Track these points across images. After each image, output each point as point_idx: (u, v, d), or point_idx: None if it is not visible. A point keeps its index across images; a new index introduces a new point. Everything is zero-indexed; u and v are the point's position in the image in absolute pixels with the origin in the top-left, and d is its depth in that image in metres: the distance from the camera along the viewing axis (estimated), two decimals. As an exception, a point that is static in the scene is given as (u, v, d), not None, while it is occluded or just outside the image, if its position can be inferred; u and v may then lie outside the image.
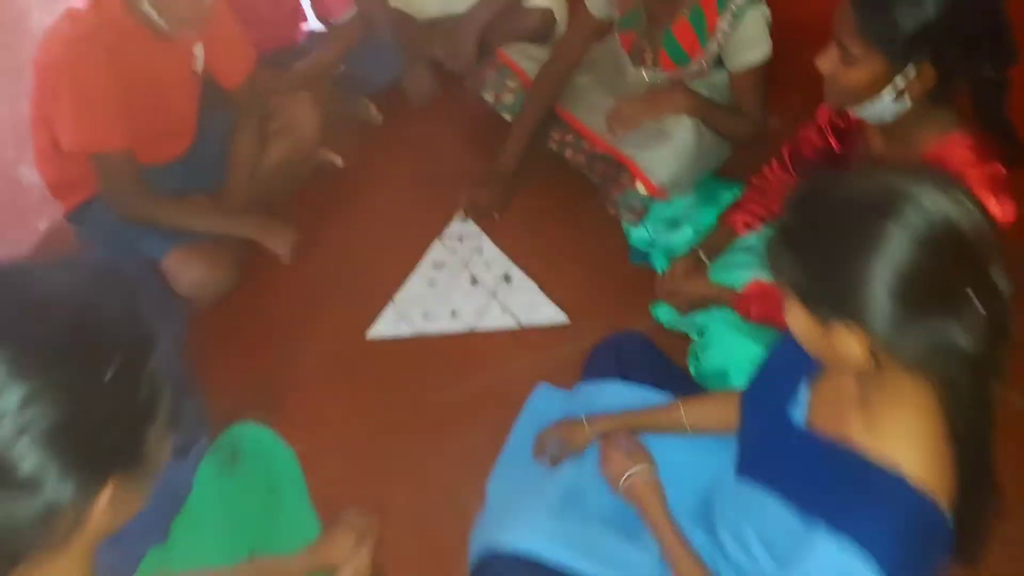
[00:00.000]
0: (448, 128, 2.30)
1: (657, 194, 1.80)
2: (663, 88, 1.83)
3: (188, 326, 1.67)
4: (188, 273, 1.65)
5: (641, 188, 1.79)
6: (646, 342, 1.46)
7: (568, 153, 2.03)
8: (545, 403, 1.42)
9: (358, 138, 2.24)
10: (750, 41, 1.70)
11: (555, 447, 1.28)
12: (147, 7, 1.56)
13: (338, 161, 2.12)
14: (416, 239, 1.97)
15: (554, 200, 2.06)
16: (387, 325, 1.79)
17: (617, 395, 1.31)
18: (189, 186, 1.85)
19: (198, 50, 1.72)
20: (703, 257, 1.65)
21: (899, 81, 1.19)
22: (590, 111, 1.97)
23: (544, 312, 1.82)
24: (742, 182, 1.72)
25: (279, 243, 1.76)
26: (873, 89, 1.22)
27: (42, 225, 1.91)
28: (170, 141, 1.78)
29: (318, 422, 1.61)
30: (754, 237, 1.66)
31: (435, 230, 1.99)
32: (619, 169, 1.85)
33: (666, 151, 1.76)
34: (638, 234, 1.89)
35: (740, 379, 1.43)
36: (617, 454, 1.18)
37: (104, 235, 1.70)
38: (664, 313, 1.73)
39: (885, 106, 1.22)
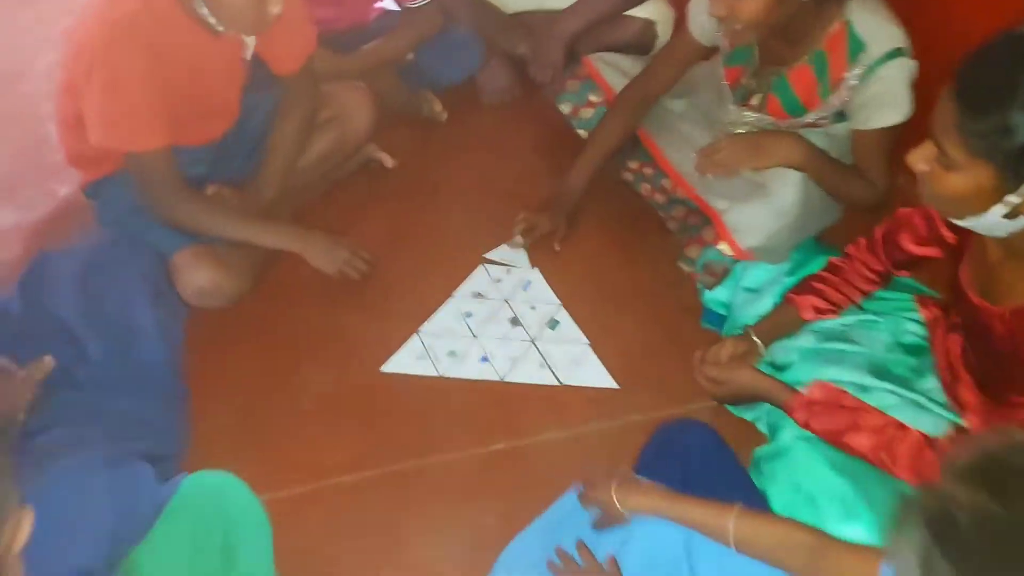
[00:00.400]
0: (517, 136, 2.06)
1: (744, 259, 1.52)
2: (771, 132, 1.54)
3: (186, 330, 1.50)
4: (197, 277, 1.47)
5: (726, 249, 1.51)
6: (713, 438, 1.23)
7: (644, 188, 1.77)
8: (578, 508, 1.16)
9: (415, 137, 2.02)
10: (886, 100, 1.40)
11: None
12: (202, 9, 1.37)
13: (387, 161, 1.91)
14: (458, 260, 1.74)
15: (620, 238, 1.79)
16: (407, 360, 1.57)
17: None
18: (218, 171, 1.67)
19: (250, 39, 1.52)
20: (756, 340, 1.38)
21: (1012, 198, 0.92)
22: (678, 144, 1.70)
23: (590, 372, 1.57)
24: (841, 249, 1.43)
25: (326, 262, 1.56)
26: (978, 203, 0.95)
27: (62, 191, 1.76)
28: (207, 124, 1.60)
29: (310, 465, 1.40)
30: (826, 325, 1.38)
31: (481, 252, 1.76)
32: (703, 221, 1.58)
33: (764, 210, 1.48)
34: (715, 294, 1.62)
35: (810, 515, 1.16)
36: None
37: (115, 217, 1.53)
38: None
39: (995, 223, 0.96)
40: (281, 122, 1.66)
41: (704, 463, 1.21)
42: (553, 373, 1.56)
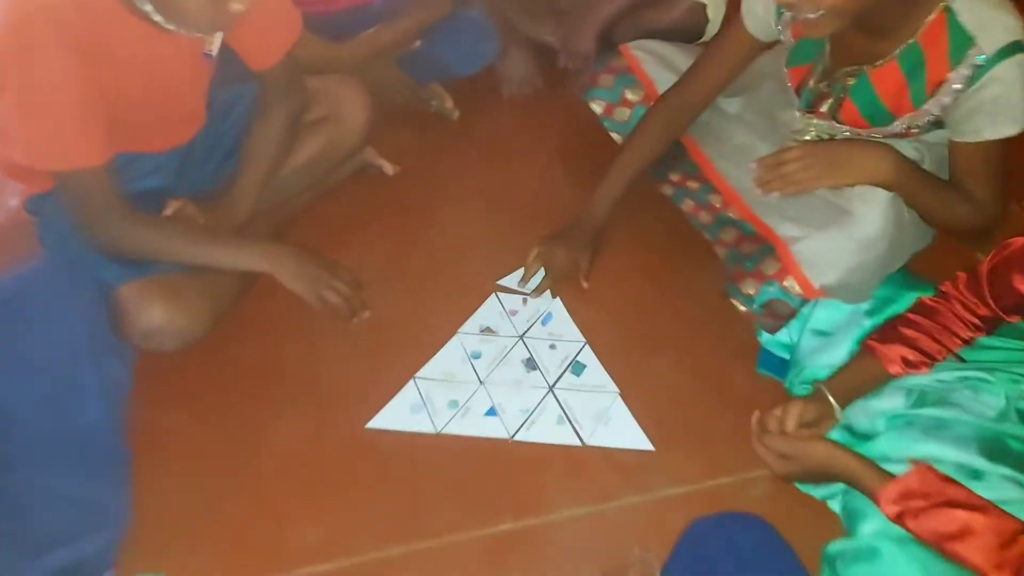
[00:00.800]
0: (540, 139, 1.78)
1: (815, 297, 1.23)
2: (854, 141, 1.24)
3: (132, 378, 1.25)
4: (147, 314, 1.21)
5: (794, 286, 1.22)
6: (767, 534, 0.97)
7: (687, 205, 1.47)
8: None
9: (420, 139, 1.76)
10: (1000, 107, 1.10)
11: None
12: (145, 5, 1.12)
13: (387, 168, 1.65)
14: (466, 287, 1.47)
15: (657, 264, 1.51)
16: (399, 413, 1.30)
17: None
18: (184, 181, 1.42)
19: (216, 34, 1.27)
20: (831, 400, 1.11)
21: None
22: (731, 153, 1.41)
23: (620, 430, 1.29)
24: (935, 285, 1.15)
25: (305, 285, 1.31)
26: None
27: (13, 202, 1.53)
28: (165, 130, 1.35)
29: (274, 551, 1.14)
30: (918, 382, 1.11)
31: (495, 277, 1.49)
32: (761, 250, 1.29)
33: (843, 240, 1.18)
34: (775, 336, 1.33)
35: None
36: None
37: (55, 239, 1.29)
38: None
39: None
40: (259, 124, 1.41)
41: (756, 566, 0.94)
42: (575, 430, 1.29)
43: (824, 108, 1.26)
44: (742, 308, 1.29)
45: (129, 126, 1.21)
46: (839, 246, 1.18)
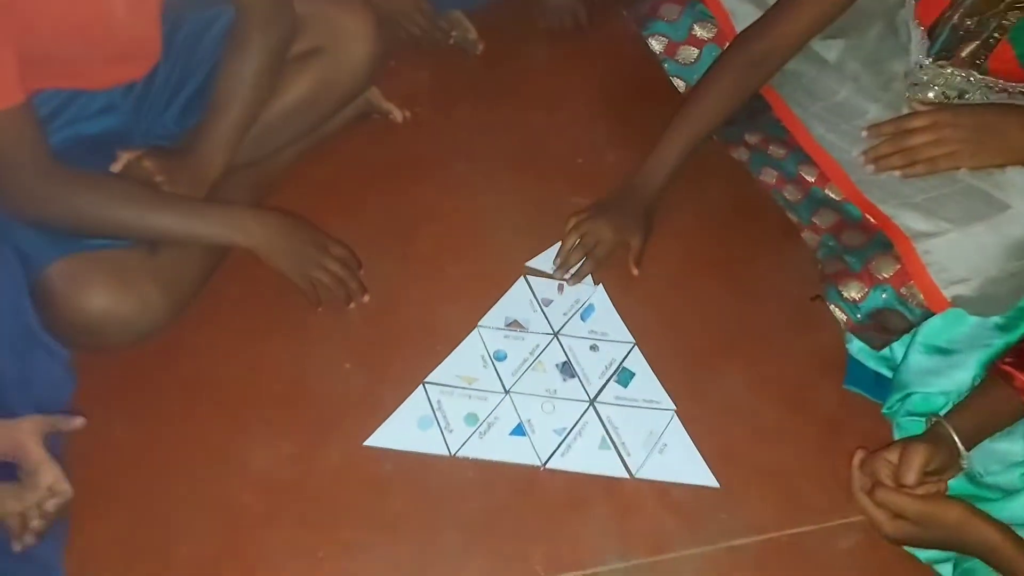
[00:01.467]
0: (582, 81, 1.48)
1: (942, 309, 0.96)
2: (1007, 107, 0.95)
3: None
4: (80, 302, 0.95)
5: (915, 294, 0.95)
6: None
7: (769, 176, 1.19)
8: None
9: (436, 79, 1.46)
10: None
11: None
12: None
13: (396, 115, 1.36)
14: (488, 269, 1.21)
15: (724, 248, 1.23)
16: (402, 429, 1.05)
17: None
18: (141, 125, 1.14)
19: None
20: (957, 442, 0.86)
21: None
22: (829, 115, 1.12)
23: (678, 460, 1.03)
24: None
25: (291, 263, 1.07)
26: None
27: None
28: (106, 65, 1.05)
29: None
30: None
31: (524, 257, 1.22)
32: (872, 243, 1.01)
33: (992, 240, 0.91)
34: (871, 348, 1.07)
35: None
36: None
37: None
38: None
39: None
40: (234, 57, 1.11)
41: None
42: (621, 459, 1.04)
43: (965, 54, 0.97)
44: (841, 316, 1.02)
45: (55, 58, 0.92)
46: (984, 249, 0.91)
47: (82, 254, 0.96)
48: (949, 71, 1.00)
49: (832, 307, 1.02)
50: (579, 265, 1.17)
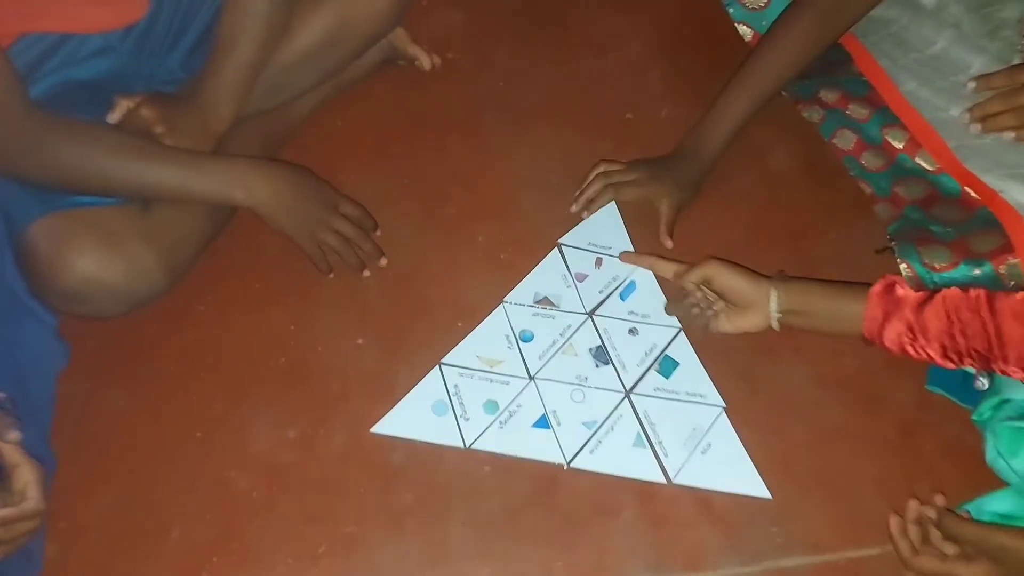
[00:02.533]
0: (635, 24, 1.32)
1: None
2: None
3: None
4: (67, 264, 0.85)
5: (1019, 273, 0.79)
6: None
7: (846, 140, 1.02)
8: None
9: (470, 18, 1.31)
10: None
11: None
12: None
13: (424, 61, 1.22)
14: (518, 238, 1.08)
15: (783, 224, 1.08)
16: (414, 414, 0.94)
17: None
18: (140, 69, 1.04)
19: None
20: None
21: None
22: (923, 68, 0.95)
23: (725, 465, 0.90)
24: None
25: (299, 226, 0.97)
26: None
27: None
28: (94, 9, 0.95)
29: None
30: None
31: (560, 227, 1.09)
32: (970, 220, 0.84)
33: None
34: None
35: None
36: None
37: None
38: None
39: None
40: (242, -7, 0.99)
41: None
42: (658, 460, 0.91)
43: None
44: (908, 273, 0.83)
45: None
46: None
47: (67, 212, 0.87)
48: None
49: (902, 264, 0.84)
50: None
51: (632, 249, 1.06)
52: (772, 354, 0.98)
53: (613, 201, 1.08)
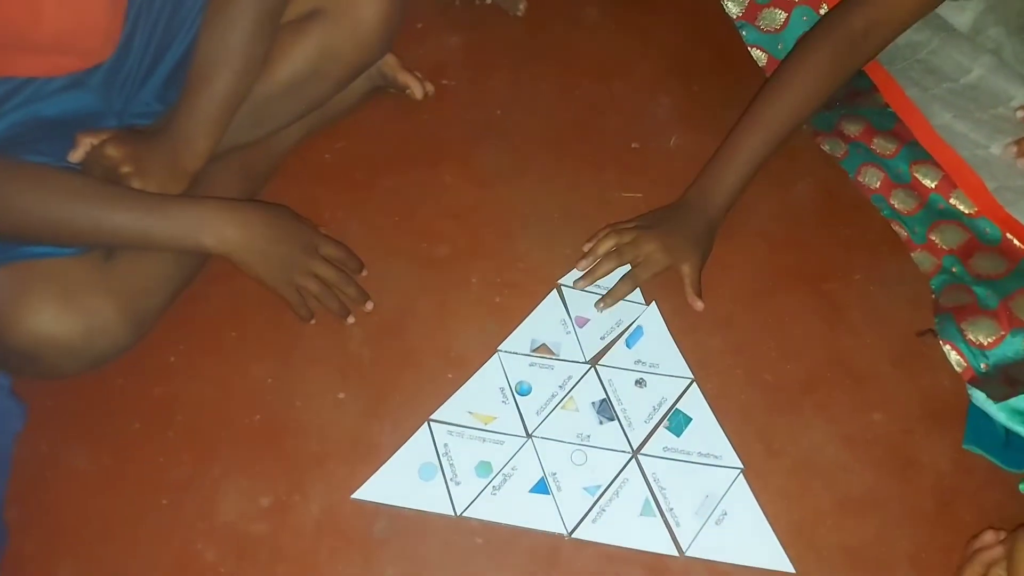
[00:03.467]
0: (642, 48, 1.24)
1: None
2: None
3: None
4: (21, 322, 0.78)
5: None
6: None
7: (871, 177, 0.94)
8: None
9: (467, 43, 1.24)
10: None
11: None
12: None
13: (416, 90, 1.15)
14: (515, 280, 1.00)
15: (805, 267, 0.99)
16: (400, 478, 0.85)
17: None
18: (114, 106, 0.97)
19: None
20: None
21: None
22: (959, 99, 0.86)
23: (743, 535, 0.82)
24: None
25: (277, 273, 0.90)
26: None
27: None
28: (43, 59, 0.88)
29: None
30: None
31: (560, 269, 1.01)
32: (1014, 273, 0.76)
33: None
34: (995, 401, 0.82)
35: None
36: None
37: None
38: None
39: None
40: (219, 18, 0.92)
41: None
42: (668, 529, 0.83)
43: None
44: (958, 362, 0.77)
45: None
46: None
47: (19, 263, 0.79)
48: None
49: (947, 348, 0.77)
50: (614, 282, 0.95)
51: (640, 294, 0.97)
52: (794, 410, 0.89)
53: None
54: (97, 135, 0.90)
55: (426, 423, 0.89)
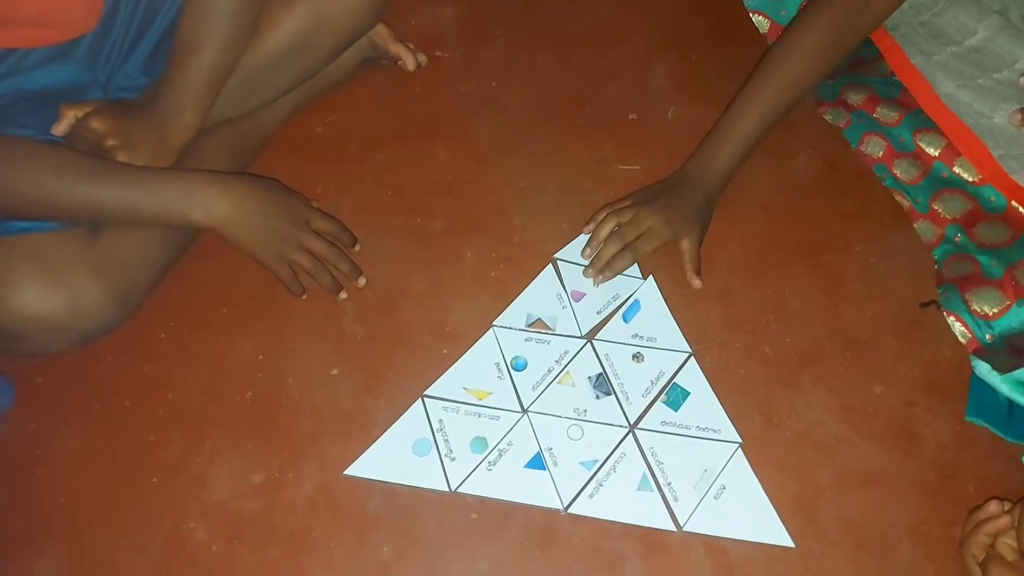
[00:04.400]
0: (639, 17, 1.21)
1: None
2: None
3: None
4: (6, 300, 0.77)
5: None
6: None
7: (874, 147, 0.92)
8: None
9: (460, 12, 1.21)
10: None
11: None
12: None
13: (408, 61, 1.13)
14: (511, 255, 0.98)
15: (805, 239, 0.97)
16: (393, 454, 0.84)
17: None
18: (99, 79, 0.95)
19: None
20: None
21: None
22: (963, 65, 0.84)
23: (741, 510, 0.81)
24: None
25: (267, 246, 0.88)
26: None
27: None
28: (22, 31, 0.86)
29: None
30: None
31: (555, 242, 0.99)
32: (1018, 242, 0.74)
33: None
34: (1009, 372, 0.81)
35: None
36: None
37: None
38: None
39: None
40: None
41: None
42: (666, 503, 0.82)
43: None
44: (962, 333, 0.76)
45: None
46: None
47: (2, 239, 0.78)
48: None
49: (950, 319, 0.76)
50: (612, 256, 0.93)
51: (637, 268, 0.96)
52: (794, 384, 0.88)
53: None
54: (81, 107, 0.88)
55: (420, 399, 0.88)
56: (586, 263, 0.96)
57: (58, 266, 0.79)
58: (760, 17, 0.99)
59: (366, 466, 0.84)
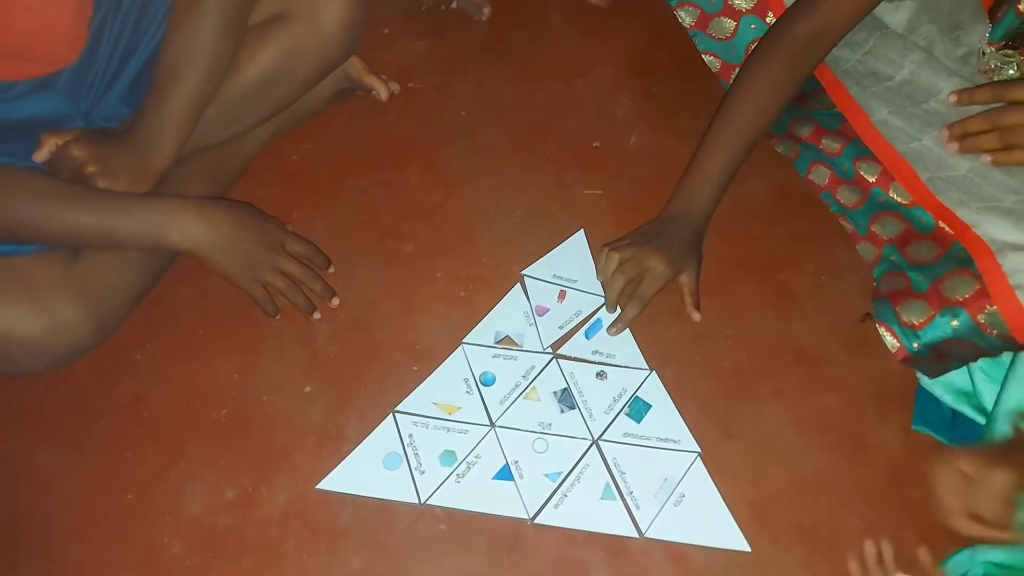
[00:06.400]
0: (604, 52, 1.27)
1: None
2: None
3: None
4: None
5: (998, 320, 0.73)
6: None
7: (820, 175, 0.97)
8: None
9: (432, 47, 1.27)
10: None
11: None
12: None
13: (381, 91, 1.17)
14: (483, 272, 1.02)
15: (759, 262, 1.02)
16: (365, 468, 0.87)
17: None
18: (81, 108, 0.98)
19: None
20: None
21: None
22: (896, 96, 0.90)
23: (700, 517, 0.84)
24: None
25: (241, 268, 0.91)
26: None
27: None
28: (22, 66, 0.90)
29: None
30: None
31: (525, 258, 1.03)
32: (947, 257, 0.79)
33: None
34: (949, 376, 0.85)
35: None
36: None
37: None
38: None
39: None
40: (185, 19, 0.93)
41: None
42: (628, 512, 0.85)
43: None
44: (892, 343, 0.80)
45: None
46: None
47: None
48: (1014, 61, 0.78)
49: (881, 330, 0.81)
50: (624, 311, 0.95)
51: (600, 287, 1.00)
52: (750, 396, 0.92)
53: (582, 230, 1.04)
54: (62, 135, 0.91)
55: (391, 414, 0.91)
56: (551, 280, 0.99)
57: (38, 288, 0.81)
58: (711, 57, 1.05)
59: (338, 480, 0.86)
